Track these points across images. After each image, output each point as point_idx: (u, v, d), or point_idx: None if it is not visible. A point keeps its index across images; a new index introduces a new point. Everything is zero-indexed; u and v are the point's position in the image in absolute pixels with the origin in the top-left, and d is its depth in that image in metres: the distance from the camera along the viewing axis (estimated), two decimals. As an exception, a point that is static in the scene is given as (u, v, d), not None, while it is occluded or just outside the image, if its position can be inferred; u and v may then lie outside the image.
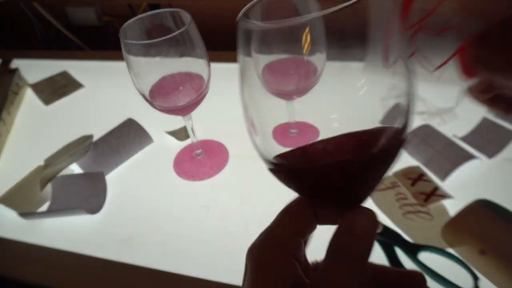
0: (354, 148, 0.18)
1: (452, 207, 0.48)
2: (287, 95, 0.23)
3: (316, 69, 0.47)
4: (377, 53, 0.18)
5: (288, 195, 0.24)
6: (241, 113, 0.22)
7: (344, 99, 0.20)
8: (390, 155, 0.19)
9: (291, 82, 0.48)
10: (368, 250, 0.18)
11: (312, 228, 0.22)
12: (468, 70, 0.21)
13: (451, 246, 0.44)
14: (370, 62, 0.18)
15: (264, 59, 0.47)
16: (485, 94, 0.23)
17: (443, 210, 0.48)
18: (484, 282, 0.40)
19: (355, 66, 0.19)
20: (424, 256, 0.43)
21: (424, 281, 0.21)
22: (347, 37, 0.17)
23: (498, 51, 0.20)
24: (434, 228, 0.46)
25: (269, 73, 0.49)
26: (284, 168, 0.20)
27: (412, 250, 0.44)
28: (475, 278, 0.40)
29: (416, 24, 0.21)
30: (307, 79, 0.48)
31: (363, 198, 0.20)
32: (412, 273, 0.22)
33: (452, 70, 0.21)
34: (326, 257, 0.18)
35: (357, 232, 0.18)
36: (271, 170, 0.22)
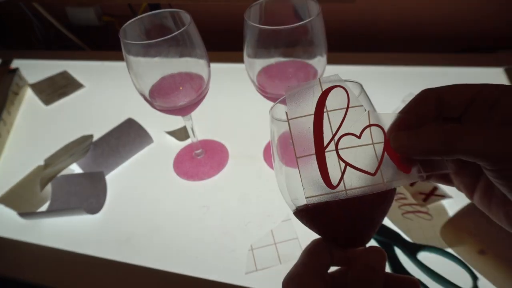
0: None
1: (451, 207, 0.48)
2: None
3: (317, 73, 0.48)
4: None
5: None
6: (241, 113, 0.23)
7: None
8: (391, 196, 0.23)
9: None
10: (381, 278, 0.21)
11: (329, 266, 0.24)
12: (402, 164, 0.22)
13: (450, 246, 0.44)
14: None
15: (260, 63, 0.47)
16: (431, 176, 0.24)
17: (443, 210, 0.48)
18: (483, 282, 0.40)
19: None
20: (424, 256, 0.44)
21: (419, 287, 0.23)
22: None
23: (418, 131, 0.21)
24: (433, 228, 0.46)
25: (266, 77, 0.49)
26: (305, 212, 0.24)
27: (412, 250, 0.44)
28: (474, 277, 0.41)
29: (333, 138, 0.22)
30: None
31: (372, 236, 0.24)
32: (407, 279, 0.23)
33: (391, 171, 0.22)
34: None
35: (374, 266, 0.21)
36: (295, 213, 0.25)
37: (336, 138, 0.22)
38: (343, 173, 0.21)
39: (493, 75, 0.67)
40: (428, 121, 0.23)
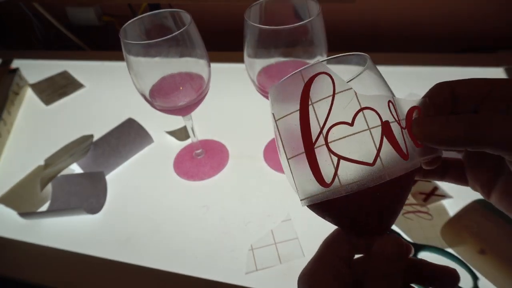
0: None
1: (452, 207, 0.48)
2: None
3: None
4: None
5: (287, 195, 0.25)
6: (241, 113, 0.23)
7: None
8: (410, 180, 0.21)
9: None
10: (398, 269, 0.20)
11: (352, 255, 0.23)
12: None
13: (451, 245, 0.44)
14: None
15: (260, 63, 0.47)
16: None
17: (443, 210, 0.48)
18: (483, 282, 0.40)
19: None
20: (424, 256, 0.43)
21: (458, 278, 0.22)
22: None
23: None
24: (433, 227, 0.46)
25: (266, 77, 0.49)
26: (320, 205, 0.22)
27: (412, 250, 0.44)
28: (475, 277, 0.41)
29: (321, 131, 0.21)
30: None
31: (389, 225, 0.22)
32: (446, 269, 0.22)
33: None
34: (365, 277, 0.20)
35: (388, 256, 0.20)
36: (309, 206, 0.23)
37: (324, 130, 0.19)
38: (336, 169, 0.19)
39: (493, 75, 0.67)
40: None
